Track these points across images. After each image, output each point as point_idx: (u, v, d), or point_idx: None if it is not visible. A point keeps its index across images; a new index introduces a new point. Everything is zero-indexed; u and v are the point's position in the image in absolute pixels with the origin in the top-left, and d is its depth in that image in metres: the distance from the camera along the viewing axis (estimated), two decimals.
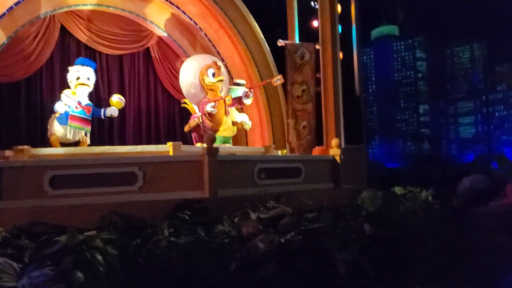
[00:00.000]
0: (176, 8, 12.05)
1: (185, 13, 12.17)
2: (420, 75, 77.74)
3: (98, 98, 11.63)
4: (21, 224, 6.04)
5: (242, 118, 10.99)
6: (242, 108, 11.52)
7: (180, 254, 5.32)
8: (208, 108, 9.54)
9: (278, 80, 11.37)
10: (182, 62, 12.50)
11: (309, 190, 8.55)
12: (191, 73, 10.16)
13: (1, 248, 5.01)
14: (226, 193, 7.32)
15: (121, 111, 12.07)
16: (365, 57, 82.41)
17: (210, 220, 6.14)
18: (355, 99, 14.34)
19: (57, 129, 8.88)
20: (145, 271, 5.25)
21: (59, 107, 8.90)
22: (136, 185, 6.91)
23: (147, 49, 12.51)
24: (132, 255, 5.32)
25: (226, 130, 10.96)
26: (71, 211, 6.52)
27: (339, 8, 14.01)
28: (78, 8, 10.90)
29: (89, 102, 9.35)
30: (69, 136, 8.88)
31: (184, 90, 10.17)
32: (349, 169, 13.38)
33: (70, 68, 9.36)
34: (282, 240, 5.69)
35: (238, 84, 11.15)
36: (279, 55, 13.65)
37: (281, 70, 13.53)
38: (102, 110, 9.44)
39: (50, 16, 10.62)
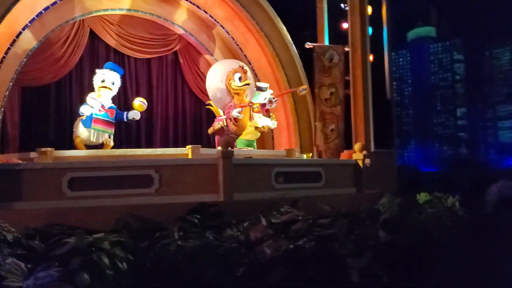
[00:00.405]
0: (203, 12, 12.13)
1: (212, 17, 12.24)
2: (457, 77, 75.58)
3: (126, 101, 11.83)
4: (39, 225, 6.23)
5: (264, 122, 10.92)
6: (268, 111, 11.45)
7: (187, 257, 5.32)
8: (235, 113, 9.53)
9: (303, 90, 11.29)
10: (209, 65, 12.59)
11: (330, 195, 8.42)
12: (217, 77, 10.22)
13: (12, 248, 5.14)
14: (242, 197, 7.29)
15: (148, 114, 12.32)
16: (401, 59, 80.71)
17: (221, 224, 6.12)
18: (385, 102, 14.07)
19: (81, 131, 9.07)
20: (152, 274, 5.27)
21: (85, 109, 9.09)
22: (153, 188, 6.97)
23: (175, 52, 12.64)
24: (140, 258, 5.36)
25: (249, 134, 10.95)
26: (89, 212, 6.63)
27: (369, 9, 13.81)
28: (107, 13, 11.11)
29: (113, 105, 9.50)
30: (93, 139, 9.05)
31: (210, 94, 10.22)
32: (378, 173, 13.15)
33: (97, 70, 9.53)
34: (291, 246, 5.60)
35: (260, 89, 11.10)
36: (308, 57, 13.56)
37: (309, 72, 13.46)
38: (125, 113, 9.58)
39: (80, 21, 10.87)
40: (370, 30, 13.83)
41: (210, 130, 10.23)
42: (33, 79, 10.29)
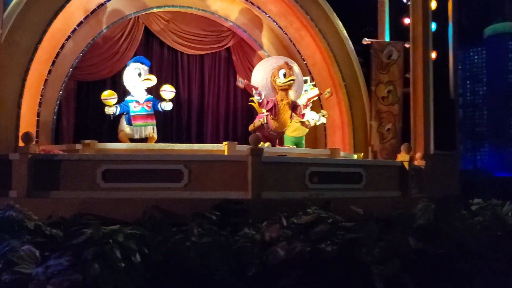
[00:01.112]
0: (257, 8, 12.06)
1: (265, 13, 12.14)
2: None
3: (178, 97, 12.04)
4: (71, 214, 6.47)
5: (309, 116, 10.70)
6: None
7: (198, 254, 5.30)
8: (256, 97, 9.65)
9: (327, 93, 10.92)
10: None
11: (371, 198, 8.08)
12: (263, 74, 10.25)
13: (32, 235, 5.35)
14: (271, 196, 7.17)
15: (200, 110, 12.47)
16: (476, 57, 76.06)
17: (242, 222, 6.04)
18: (449, 102, 13.32)
19: (124, 126, 9.34)
20: (163, 268, 5.30)
21: (107, 110, 9.28)
22: (182, 183, 7.02)
23: (228, 48, 12.68)
24: (153, 252, 5.41)
25: (296, 131, 10.79)
26: (119, 204, 6.80)
27: (433, 4, 13.12)
28: (160, 10, 11.34)
29: (149, 96, 9.65)
30: (136, 135, 9.27)
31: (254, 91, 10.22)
32: (438, 177, 12.54)
33: (127, 67, 9.70)
34: (308, 249, 5.42)
35: (306, 81, 10.96)
36: (368, 54, 13.15)
37: (366, 69, 13.04)
38: (158, 104, 9.66)
39: (135, 17, 11.17)
40: (434, 25, 13.15)
41: (250, 127, 10.23)
42: (89, 74, 10.70)
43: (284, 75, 9.79)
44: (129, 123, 9.27)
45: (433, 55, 13.01)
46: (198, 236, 5.48)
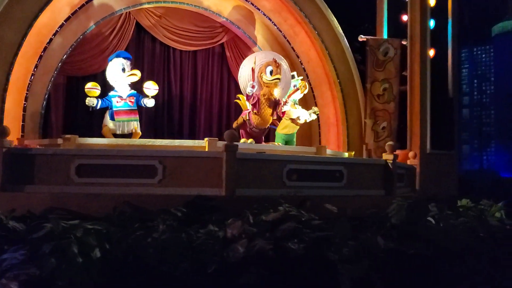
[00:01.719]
0: (250, 4, 11.98)
1: (258, 9, 12.06)
2: None
3: (170, 93, 12.01)
4: (43, 208, 6.46)
5: (299, 113, 10.58)
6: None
7: (158, 250, 5.24)
8: (248, 89, 9.54)
9: (314, 113, 10.84)
10: None
11: (352, 196, 7.95)
12: (248, 69, 10.16)
13: None
14: (247, 193, 7.07)
15: (193, 106, 12.42)
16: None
17: (210, 219, 5.96)
18: (447, 100, 13.13)
19: (108, 121, 9.33)
20: (122, 264, 5.25)
21: (88, 101, 9.27)
22: (156, 179, 6.96)
23: (222, 44, 12.60)
24: (114, 248, 5.35)
25: (286, 128, 10.75)
26: (92, 199, 6.76)
27: (432, 1, 12.92)
28: (151, 5, 11.30)
29: (132, 91, 9.60)
30: (118, 131, 9.24)
31: (241, 86, 10.15)
32: (434, 176, 12.37)
33: (110, 62, 9.66)
34: (270, 246, 5.32)
35: (293, 76, 10.85)
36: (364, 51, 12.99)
37: (362, 66, 12.89)
38: (141, 100, 9.59)
39: (126, 13, 11.13)
40: (433, 23, 12.95)
41: (234, 124, 10.18)
42: (79, 69, 10.69)
43: (271, 72, 9.68)
44: (112, 118, 9.26)
45: (432, 52, 12.83)
46: (161, 233, 5.41)
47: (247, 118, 9.69)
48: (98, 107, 9.30)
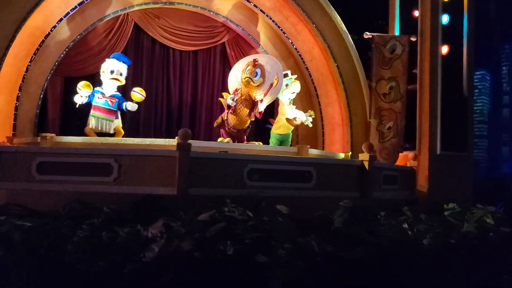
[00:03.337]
0: (249, 3, 11.86)
1: (257, 7, 11.91)
2: None
3: (169, 94, 12.09)
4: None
5: (295, 114, 10.40)
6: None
7: (76, 248, 5.27)
8: (228, 100, 9.40)
9: (310, 117, 10.60)
10: None
11: (322, 198, 7.69)
12: (239, 69, 10.15)
13: None
14: (202, 192, 7.01)
15: (193, 106, 12.45)
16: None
17: (145, 218, 5.94)
18: (461, 99, 12.48)
19: (90, 120, 9.50)
20: (44, 261, 5.32)
21: (76, 98, 9.43)
22: (111, 177, 7.02)
23: (223, 44, 12.54)
24: (39, 244, 5.44)
25: (281, 128, 10.64)
26: (50, 196, 6.94)
27: None
28: (149, 6, 11.41)
29: (116, 93, 9.68)
30: (91, 126, 9.34)
31: (229, 85, 10.16)
32: (445, 179, 11.79)
33: (107, 59, 9.80)
34: (190, 247, 5.22)
35: (285, 76, 10.64)
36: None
37: (367, 64, 12.47)
38: (124, 103, 9.67)
39: (124, 14, 11.30)
40: (446, 18, 12.35)
41: (215, 124, 10.13)
42: (76, 70, 10.94)
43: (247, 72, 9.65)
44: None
45: (445, 49, 12.26)
46: (85, 231, 5.44)
47: (226, 118, 9.64)
48: (85, 102, 9.48)
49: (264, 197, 7.06)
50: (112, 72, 9.50)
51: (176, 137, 8.23)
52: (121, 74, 9.59)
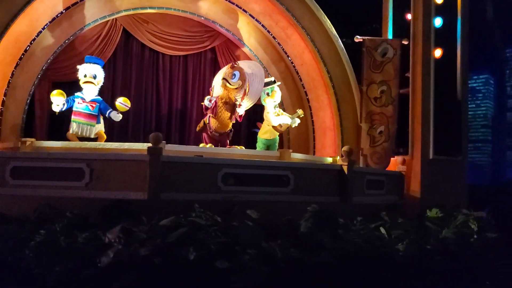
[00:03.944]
0: (238, 8, 11.82)
1: (246, 11, 11.87)
2: None
3: (158, 98, 12.07)
4: None
5: (280, 120, 10.33)
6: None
7: (35, 253, 5.24)
8: (205, 101, 9.50)
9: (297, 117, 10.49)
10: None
11: (300, 203, 7.56)
12: (222, 73, 10.13)
13: None
14: (174, 197, 6.93)
15: (183, 111, 12.42)
16: None
17: (105, 224, 5.89)
18: (455, 103, 12.28)
19: (72, 124, 9.49)
20: (2, 265, 5.30)
21: (53, 107, 9.41)
22: (83, 182, 6.98)
23: (213, 49, 12.51)
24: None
25: (267, 133, 10.61)
26: (22, 201, 6.92)
27: None
28: (137, 11, 11.42)
29: (97, 97, 9.64)
30: (72, 131, 9.32)
31: (215, 90, 10.15)
32: (439, 184, 11.62)
33: (78, 66, 9.76)
34: (146, 252, 5.16)
35: (267, 84, 10.57)
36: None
37: (358, 68, 12.35)
38: (108, 111, 9.63)
39: (113, 19, 11.32)
40: (440, 21, 12.19)
41: (197, 128, 10.09)
42: (64, 75, 10.95)
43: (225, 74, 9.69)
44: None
45: (438, 52, 12.09)
46: (43, 235, 5.41)
47: (207, 122, 9.62)
48: (64, 108, 9.46)
49: (239, 202, 6.97)
50: (85, 76, 9.46)
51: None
52: (94, 77, 9.49)
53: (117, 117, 9.54)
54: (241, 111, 9.60)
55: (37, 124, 10.82)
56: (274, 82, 10.68)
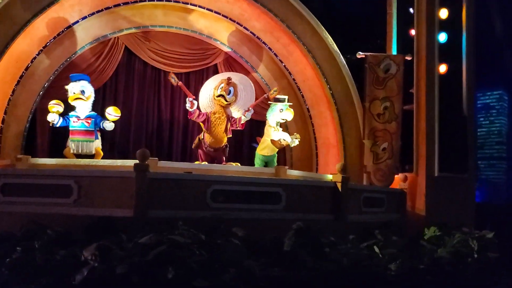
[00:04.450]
0: (238, 25, 11.86)
1: (247, 29, 11.90)
2: None
3: (160, 116, 12.11)
4: None
5: (280, 136, 10.27)
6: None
7: (13, 270, 5.21)
8: (187, 105, 9.72)
9: (274, 91, 10.36)
10: (252, 79, 12.29)
11: (292, 220, 7.41)
12: (209, 88, 10.33)
13: None
14: (161, 215, 6.86)
15: (185, 128, 12.42)
16: None
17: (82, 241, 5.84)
18: (460, 119, 12.06)
19: (69, 141, 9.55)
20: None
21: (49, 117, 9.54)
22: (71, 198, 6.96)
23: (216, 66, 12.54)
24: None
25: (265, 149, 10.54)
26: (13, 218, 6.90)
27: (443, 13, 12.09)
28: (138, 30, 11.52)
29: (92, 113, 9.70)
30: (72, 150, 9.39)
31: (200, 105, 10.33)
32: (444, 202, 11.37)
33: (66, 87, 9.83)
34: (124, 271, 5.09)
35: (278, 100, 10.48)
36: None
37: (361, 84, 12.24)
38: (101, 122, 9.65)
39: (114, 37, 11.44)
40: (444, 36, 12.05)
41: (193, 145, 10.12)
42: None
43: (221, 89, 9.67)
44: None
45: (443, 68, 11.93)
46: (20, 253, 5.38)
47: (202, 137, 9.67)
48: (59, 124, 9.54)
49: (228, 219, 6.88)
50: (73, 93, 9.53)
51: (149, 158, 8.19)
52: (82, 92, 9.54)
53: (110, 126, 9.63)
54: (248, 116, 9.93)
55: (38, 141, 10.90)
56: (276, 92, 10.66)
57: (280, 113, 10.50)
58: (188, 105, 9.67)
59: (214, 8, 11.62)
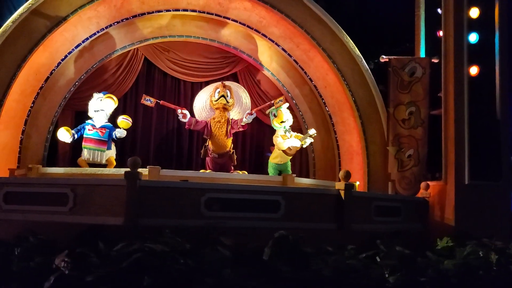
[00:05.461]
0: (257, 33, 11.74)
1: (266, 36, 11.75)
2: None
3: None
4: None
5: (288, 143, 10.03)
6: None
7: None
8: (179, 116, 9.91)
9: (280, 101, 10.05)
10: (272, 85, 12.17)
11: (292, 229, 7.14)
12: (204, 96, 10.46)
13: None
14: (152, 223, 6.79)
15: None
16: None
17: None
18: (493, 123, 11.35)
19: (83, 151, 9.71)
20: None
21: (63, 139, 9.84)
22: (67, 207, 7.02)
23: (235, 74, 12.46)
24: None
25: (277, 157, 10.37)
26: (12, 226, 7.04)
27: (474, 12, 11.48)
28: (157, 40, 11.63)
29: (107, 123, 9.85)
30: (83, 157, 9.53)
31: (196, 115, 10.47)
32: (476, 211, 10.72)
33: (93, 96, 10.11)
34: (90, 279, 5.02)
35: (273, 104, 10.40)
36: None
37: (385, 89, 11.78)
38: (114, 132, 9.76)
39: (134, 48, 11.60)
40: (475, 36, 11.43)
41: (201, 154, 10.07)
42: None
43: (218, 93, 9.93)
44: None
45: (474, 70, 11.29)
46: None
47: (207, 145, 9.65)
48: (76, 137, 9.75)
49: (223, 228, 6.71)
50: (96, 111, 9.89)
51: (149, 166, 8.19)
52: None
53: (122, 133, 9.81)
54: (249, 119, 9.93)
55: (60, 152, 11.16)
56: (281, 102, 10.41)
57: (275, 117, 10.43)
58: (180, 117, 9.70)
59: (232, 16, 11.55)
